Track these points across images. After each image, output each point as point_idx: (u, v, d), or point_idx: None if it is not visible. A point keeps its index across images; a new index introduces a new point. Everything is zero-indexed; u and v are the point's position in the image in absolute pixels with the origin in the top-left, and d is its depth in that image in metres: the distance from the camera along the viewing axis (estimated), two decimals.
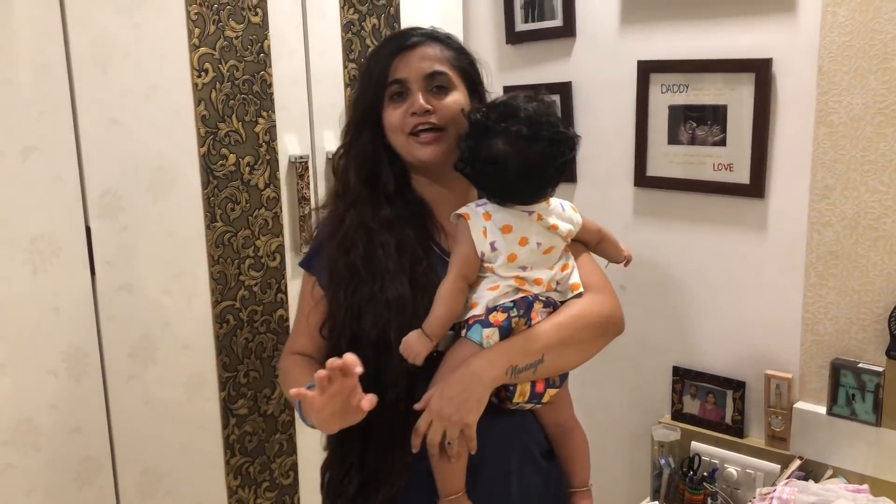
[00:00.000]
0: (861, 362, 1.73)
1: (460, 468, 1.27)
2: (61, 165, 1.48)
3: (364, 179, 1.35)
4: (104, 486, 1.60)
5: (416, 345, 1.23)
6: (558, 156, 1.25)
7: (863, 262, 1.72)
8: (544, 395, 1.32)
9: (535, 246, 1.28)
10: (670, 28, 1.93)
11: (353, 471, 1.32)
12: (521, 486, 1.37)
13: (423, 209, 1.38)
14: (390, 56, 1.34)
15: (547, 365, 1.28)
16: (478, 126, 1.26)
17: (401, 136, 1.33)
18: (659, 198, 2.02)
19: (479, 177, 1.28)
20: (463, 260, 1.26)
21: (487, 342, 1.25)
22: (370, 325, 1.27)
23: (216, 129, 1.70)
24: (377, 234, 1.31)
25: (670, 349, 2.06)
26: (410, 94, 1.32)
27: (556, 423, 1.43)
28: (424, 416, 1.24)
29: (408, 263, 1.29)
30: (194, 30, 1.64)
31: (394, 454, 1.29)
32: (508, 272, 1.27)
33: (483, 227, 1.26)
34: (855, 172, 1.70)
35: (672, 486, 1.94)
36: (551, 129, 1.24)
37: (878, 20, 1.63)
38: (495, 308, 1.26)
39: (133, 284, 1.61)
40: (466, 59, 1.40)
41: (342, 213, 1.35)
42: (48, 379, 1.50)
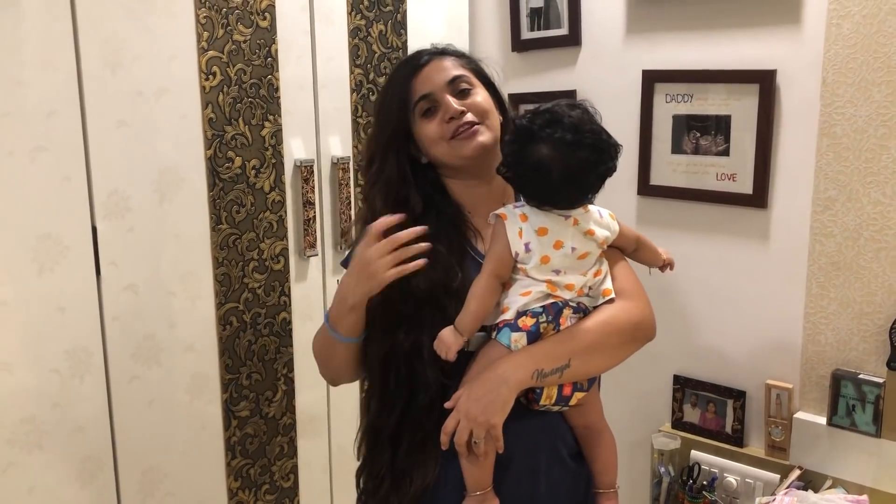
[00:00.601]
0: (862, 373, 1.74)
1: (487, 466, 1.30)
2: (69, 166, 1.49)
3: (391, 203, 1.38)
4: (106, 486, 1.61)
5: (447, 340, 1.26)
6: (600, 163, 1.27)
7: (864, 274, 1.72)
8: (571, 399, 1.33)
9: (569, 251, 1.29)
10: (675, 38, 1.94)
11: (384, 473, 1.37)
12: (550, 486, 1.40)
13: (458, 217, 1.41)
14: (407, 80, 1.38)
15: (573, 369, 1.30)
16: (523, 131, 1.28)
17: (442, 145, 1.36)
18: (662, 207, 2.03)
19: (521, 181, 1.31)
20: (497, 259, 1.28)
21: (515, 346, 1.27)
22: (403, 339, 1.32)
23: (223, 131, 1.71)
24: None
25: (671, 358, 2.06)
26: (441, 103, 1.36)
27: (585, 425, 1.44)
28: (452, 415, 1.27)
29: (441, 279, 1.33)
30: (203, 33, 1.65)
31: (424, 454, 1.33)
32: (541, 275, 1.28)
33: (519, 228, 1.28)
34: (858, 184, 1.71)
35: (672, 494, 1.95)
36: (595, 136, 1.26)
37: (883, 33, 1.64)
38: (525, 313, 1.28)
39: (138, 285, 1.62)
40: (474, 62, 1.45)
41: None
42: (52, 378, 1.51)
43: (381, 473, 1.37)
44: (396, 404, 1.35)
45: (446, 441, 1.28)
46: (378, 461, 1.38)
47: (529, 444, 1.35)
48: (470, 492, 1.31)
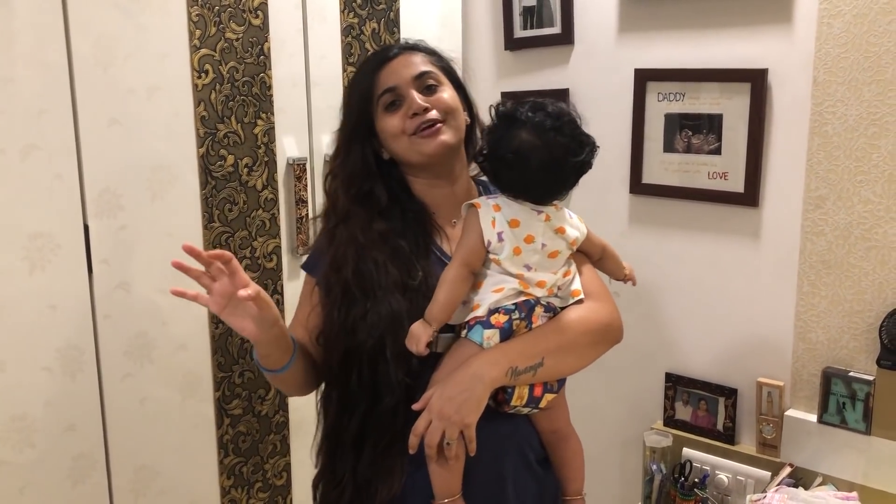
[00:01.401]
0: (852, 371, 1.75)
1: (457, 470, 1.27)
2: (61, 164, 1.49)
3: (353, 196, 1.35)
4: (98, 484, 1.60)
5: (417, 332, 1.23)
6: (579, 153, 1.27)
7: (855, 272, 1.73)
8: (542, 400, 1.32)
9: (539, 246, 1.28)
10: (668, 37, 1.95)
11: (346, 480, 1.32)
12: (517, 492, 1.37)
13: (423, 215, 1.38)
14: (373, 71, 1.36)
15: (546, 368, 1.29)
16: (505, 116, 1.28)
17: (403, 140, 1.34)
18: (654, 205, 2.03)
19: (498, 168, 1.30)
20: (469, 248, 1.27)
21: (488, 343, 1.25)
22: (364, 338, 1.28)
23: (215, 129, 1.71)
24: (368, 250, 1.31)
25: (663, 356, 2.07)
26: (405, 98, 1.33)
27: (552, 430, 1.43)
28: (423, 416, 1.24)
29: (402, 277, 1.29)
30: (195, 31, 1.65)
31: (389, 460, 1.29)
32: (514, 268, 1.27)
33: (492, 218, 1.27)
34: (848, 183, 1.72)
35: (663, 491, 1.95)
36: (575, 127, 1.28)
37: (873, 33, 1.64)
38: (497, 310, 1.27)
39: (130, 283, 1.61)
40: (445, 60, 1.42)
41: (332, 229, 1.35)
42: (43, 376, 1.51)
43: (343, 482, 1.32)
44: (358, 407, 1.30)
45: (416, 443, 1.24)
46: (339, 469, 1.33)
47: (497, 448, 1.32)
48: (438, 499, 1.27)
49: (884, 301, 1.70)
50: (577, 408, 2.11)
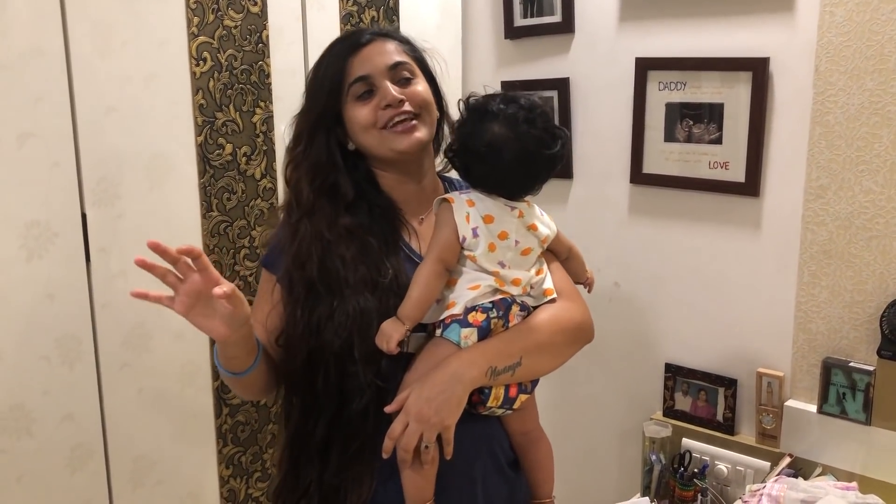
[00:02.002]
0: (852, 361, 1.74)
1: (431, 475, 1.23)
2: (58, 152, 1.48)
3: (318, 189, 1.30)
4: (96, 473, 1.60)
5: (388, 330, 1.19)
6: (552, 146, 1.25)
7: (856, 262, 1.73)
8: (516, 401, 1.29)
9: (513, 243, 1.27)
10: (668, 26, 1.94)
11: (311, 490, 1.27)
12: (487, 496, 1.34)
13: (390, 211, 1.34)
14: (344, 57, 1.30)
15: (524, 368, 1.26)
16: (476, 109, 1.26)
17: (373, 133, 1.29)
18: (654, 195, 2.02)
19: (470, 162, 1.27)
20: (443, 244, 1.23)
21: (465, 342, 1.23)
22: (331, 338, 1.22)
23: (213, 118, 1.70)
24: (334, 246, 1.26)
25: (663, 346, 2.06)
26: (378, 88, 1.28)
27: (523, 432, 1.40)
28: (400, 419, 1.20)
29: (370, 274, 1.25)
30: (193, 18, 1.64)
31: (359, 467, 1.25)
32: (489, 264, 1.25)
33: (466, 213, 1.24)
34: (849, 172, 1.71)
35: (663, 482, 1.95)
36: (547, 119, 1.26)
37: (876, 21, 1.63)
38: (474, 308, 1.24)
39: (128, 272, 1.60)
40: (419, 51, 1.37)
41: (296, 223, 1.29)
42: (41, 365, 1.50)
43: (308, 491, 1.27)
44: (324, 412, 1.25)
45: (391, 447, 1.20)
46: (303, 477, 1.27)
47: (469, 451, 1.29)
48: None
49: (885, 291, 1.70)
50: (576, 398, 2.12)
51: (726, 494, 1.90)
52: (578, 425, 2.25)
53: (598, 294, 2.14)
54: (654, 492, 1.96)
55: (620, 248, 2.09)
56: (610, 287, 2.12)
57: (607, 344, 2.15)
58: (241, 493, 1.87)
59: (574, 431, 2.24)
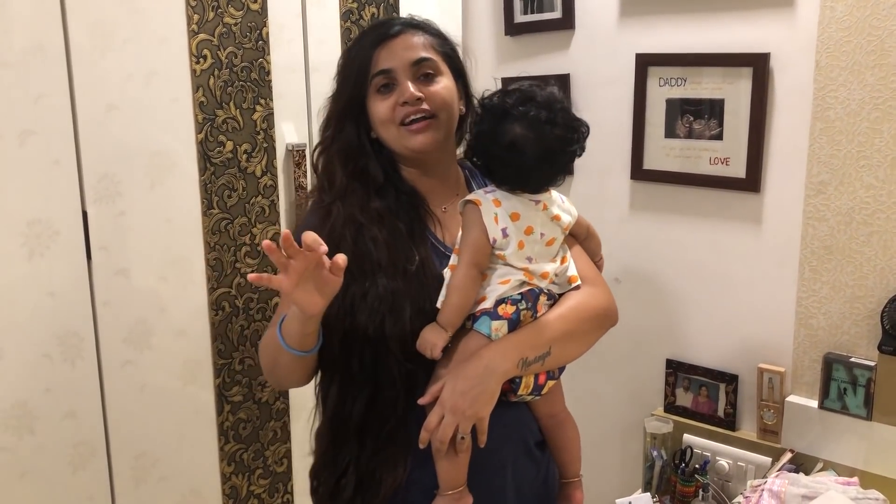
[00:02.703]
0: (853, 357, 1.74)
1: (464, 463, 1.26)
2: (58, 150, 1.48)
3: (350, 172, 1.32)
4: (98, 471, 1.60)
5: (431, 337, 1.22)
6: (573, 141, 1.25)
7: (856, 258, 1.73)
8: (544, 387, 1.32)
9: (538, 237, 1.28)
10: (669, 21, 1.94)
11: (349, 471, 1.29)
12: (516, 477, 1.38)
13: (416, 199, 1.36)
14: (372, 47, 1.30)
15: (553, 357, 1.28)
16: (494, 110, 1.25)
17: (391, 128, 1.31)
18: (655, 191, 2.02)
19: (492, 163, 1.27)
20: (474, 247, 1.24)
21: (496, 335, 1.25)
22: (364, 321, 1.24)
23: (214, 115, 1.70)
24: (366, 229, 1.28)
25: (664, 342, 2.06)
26: (398, 84, 1.29)
27: (550, 415, 1.43)
28: (436, 411, 1.22)
29: (401, 257, 1.27)
30: (193, 16, 1.64)
31: (393, 451, 1.28)
32: (519, 262, 1.26)
33: (494, 214, 1.25)
34: (850, 168, 1.71)
35: (664, 477, 1.96)
36: (567, 114, 1.25)
37: (876, 16, 1.63)
38: (503, 300, 1.26)
39: (129, 270, 1.61)
40: (449, 45, 1.37)
41: (328, 205, 1.31)
42: (43, 363, 1.50)
43: (347, 471, 1.29)
44: (361, 392, 1.27)
45: (427, 439, 1.23)
46: (341, 458, 1.30)
47: (499, 436, 1.31)
48: (443, 490, 1.27)
49: (885, 287, 1.70)
50: (578, 394, 2.11)
51: (727, 490, 1.91)
52: (580, 421, 2.23)
53: None
54: (655, 487, 1.96)
55: (621, 244, 2.09)
56: (611, 283, 2.10)
57: (608, 340, 2.13)
58: (243, 490, 1.87)
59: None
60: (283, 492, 1.95)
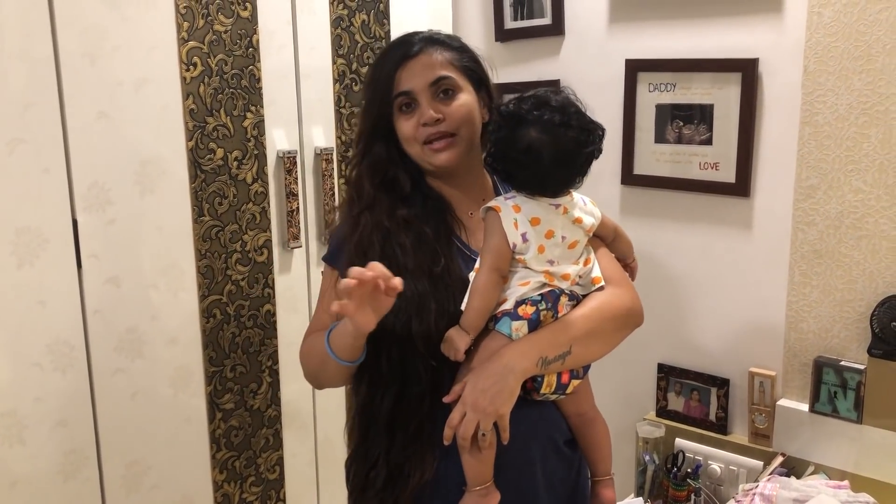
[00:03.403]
0: (843, 360, 1.75)
1: (489, 459, 1.29)
2: (48, 158, 1.48)
3: (378, 184, 1.36)
4: (89, 479, 1.60)
5: (455, 340, 1.25)
6: (589, 143, 1.28)
7: (846, 261, 1.73)
8: (569, 387, 1.34)
9: (560, 240, 1.30)
10: (658, 27, 1.94)
11: (379, 464, 1.33)
12: (546, 475, 1.40)
13: (443, 204, 1.39)
14: (394, 67, 1.34)
15: (574, 356, 1.31)
16: (510, 117, 1.28)
17: (415, 146, 1.35)
18: (645, 196, 2.03)
19: (510, 168, 1.30)
20: (495, 252, 1.27)
21: (517, 334, 1.27)
22: (392, 322, 1.27)
23: (204, 123, 1.70)
24: (394, 235, 1.32)
25: (655, 346, 2.07)
26: (419, 104, 1.33)
27: (578, 413, 1.45)
28: (458, 409, 1.25)
29: (427, 261, 1.31)
30: (183, 23, 1.64)
31: (421, 447, 1.31)
32: (539, 266, 1.28)
33: (514, 219, 1.27)
34: (839, 172, 1.72)
35: (656, 482, 1.96)
36: (581, 117, 1.28)
37: (863, 21, 1.64)
38: (524, 301, 1.28)
39: (120, 278, 1.60)
40: (468, 57, 1.39)
41: (357, 215, 1.35)
42: (33, 371, 1.50)
43: (377, 464, 1.33)
44: (389, 388, 1.31)
45: (450, 435, 1.26)
46: (372, 451, 1.34)
47: (526, 434, 1.34)
48: (471, 487, 1.29)
49: (875, 290, 1.70)
50: None
51: (719, 494, 1.91)
52: None
53: None
54: (647, 492, 1.96)
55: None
56: None
57: None
58: (235, 497, 1.87)
59: None
60: (276, 499, 1.95)
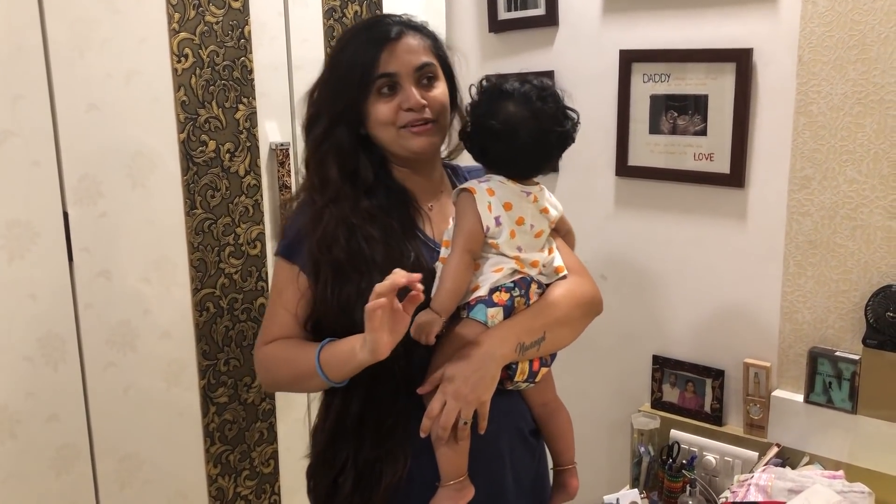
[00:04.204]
0: (838, 351, 1.75)
1: (465, 451, 1.28)
2: (38, 151, 1.46)
3: (344, 173, 1.32)
4: (82, 474, 1.59)
5: (426, 323, 1.23)
6: (565, 122, 1.29)
7: (840, 252, 1.73)
8: (538, 374, 1.35)
9: (528, 228, 1.31)
10: (652, 17, 1.94)
11: (347, 468, 1.30)
12: (514, 465, 1.40)
13: (406, 196, 1.37)
14: (374, 49, 1.30)
15: (547, 342, 1.32)
16: (491, 90, 1.30)
17: (391, 130, 1.31)
18: (640, 187, 2.02)
19: (486, 141, 1.30)
20: (468, 234, 1.27)
21: (492, 321, 1.27)
22: (360, 318, 1.22)
23: (196, 115, 1.68)
24: (359, 228, 1.29)
25: (650, 338, 2.07)
26: (402, 88, 1.30)
27: (543, 403, 1.46)
28: (437, 398, 1.24)
29: (396, 254, 1.28)
30: (174, 14, 1.62)
31: (393, 445, 1.28)
32: (511, 251, 1.29)
33: (488, 202, 1.28)
34: (833, 162, 1.71)
35: (651, 473, 1.96)
36: (559, 99, 1.31)
37: (857, 10, 1.64)
38: (497, 288, 1.28)
39: (111, 271, 1.59)
40: (443, 48, 1.39)
41: (321, 208, 1.31)
42: (25, 366, 1.49)
43: (345, 468, 1.30)
44: (358, 388, 1.28)
45: (429, 426, 1.24)
46: (341, 453, 1.31)
47: (497, 425, 1.33)
48: (445, 481, 1.27)
49: (869, 280, 1.70)
50: (565, 390, 2.10)
51: (714, 485, 1.91)
52: None
53: None
54: (642, 484, 1.96)
55: (607, 240, 2.09)
56: (597, 280, 2.12)
57: (595, 336, 2.14)
58: (230, 491, 1.86)
59: None
60: (271, 493, 1.94)
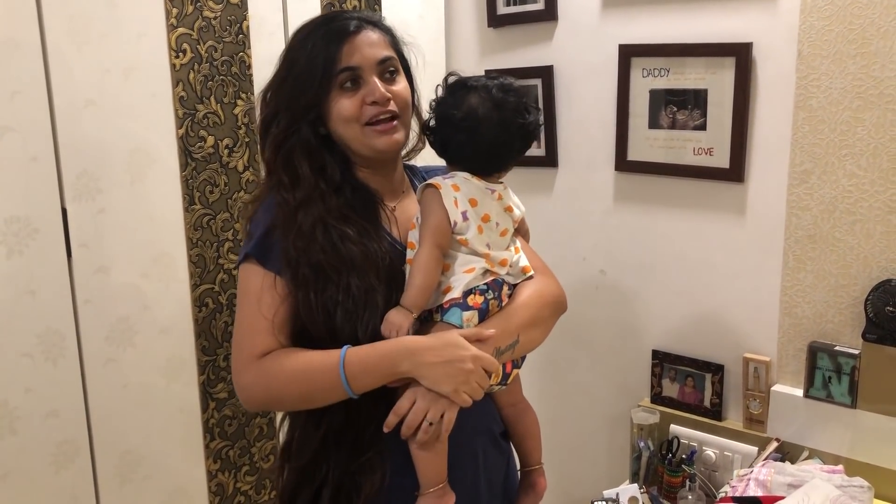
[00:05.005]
0: (837, 345, 1.75)
1: (442, 457, 1.26)
2: (36, 146, 1.46)
3: (314, 171, 1.27)
4: (82, 470, 1.59)
5: (396, 319, 1.21)
6: (527, 115, 1.30)
7: (840, 246, 1.73)
8: (511, 377, 1.34)
9: (494, 225, 1.30)
10: (652, 12, 1.93)
11: (325, 487, 1.26)
12: (486, 467, 1.39)
13: (372, 196, 1.33)
14: (334, 43, 1.26)
15: (521, 344, 1.31)
16: (455, 84, 1.31)
17: (354, 127, 1.27)
18: (639, 182, 2.02)
19: (449, 133, 1.30)
20: (435, 229, 1.25)
21: (468, 325, 1.25)
22: (341, 323, 1.22)
23: (194, 110, 1.68)
24: (334, 228, 1.24)
25: (650, 333, 2.07)
26: (365, 82, 1.26)
27: (512, 404, 1.46)
28: (407, 396, 1.21)
29: (372, 254, 1.25)
30: (172, 10, 1.62)
31: (373, 452, 1.25)
32: (480, 246, 1.28)
33: (454, 198, 1.27)
34: (833, 157, 1.71)
35: (651, 468, 1.96)
36: (522, 94, 1.32)
37: (857, 4, 1.63)
38: (471, 291, 1.27)
39: (110, 267, 1.59)
40: (399, 44, 1.36)
41: (295, 208, 1.25)
42: (24, 362, 1.49)
43: (327, 480, 1.26)
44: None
45: (394, 422, 1.20)
46: (321, 467, 1.26)
47: (471, 428, 1.32)
48: (425, 489, 1.25)
49: (869, 275, 1.70)
50: (564, 386, 2.12)
51: (714, 480, 1.91)
52: (566, 413, 2.25)
53: (585, 282, 2.14)
54: (642, 478, 1.96)
55: (606, 235, 2.09)
56: (596, 275, 2.12)
57: (594, 332, 2.15)
58: (230, 487, 1.86)
59: (562, 420, 2.24)
60: (270, 489, 1.94)
